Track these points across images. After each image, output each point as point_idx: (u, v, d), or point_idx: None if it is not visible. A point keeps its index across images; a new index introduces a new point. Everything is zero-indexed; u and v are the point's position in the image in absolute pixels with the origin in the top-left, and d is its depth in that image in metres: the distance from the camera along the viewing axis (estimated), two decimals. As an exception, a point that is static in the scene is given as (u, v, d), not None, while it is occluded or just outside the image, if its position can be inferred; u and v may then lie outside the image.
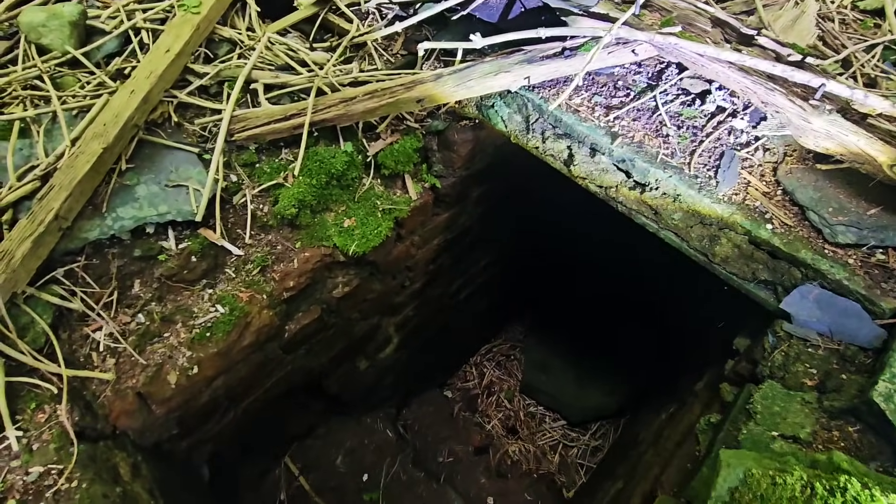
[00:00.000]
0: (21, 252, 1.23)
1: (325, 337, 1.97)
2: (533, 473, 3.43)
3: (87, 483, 1.14)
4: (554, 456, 3.53)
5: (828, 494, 0.69)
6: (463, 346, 3.69)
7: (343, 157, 1.68)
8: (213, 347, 1.51)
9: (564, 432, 3.63)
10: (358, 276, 1.89)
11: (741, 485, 0.73)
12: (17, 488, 1.10)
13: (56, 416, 1.22)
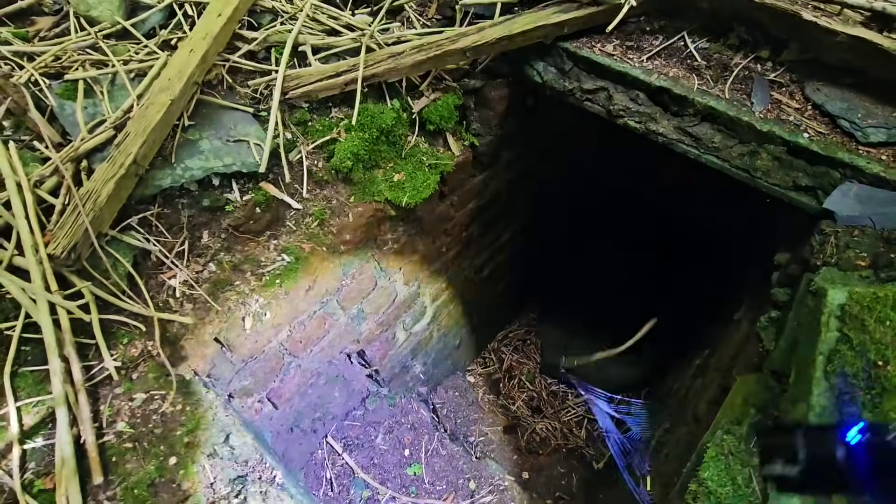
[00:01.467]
0: (106, 192, 1.25)
1: (374, 297, 2.00)
2: (562, 448, 3.45)
3: (192, 406, 1.15)
4: (580, 430, 3.57)
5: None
6: (482, 330, 3.73)
7: (391, 112, 1.75)
8: (283, 293, 1.53)
9: (588, 408, 3.68)
10: (406, 234, 1.94)
11: (848, 300, 0.81)
12: (125, 412, 1.10)
13: (147, 352, 1.23)
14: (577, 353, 3.74)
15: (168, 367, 1.20)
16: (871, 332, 0.78)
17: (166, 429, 1.09)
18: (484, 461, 2.81)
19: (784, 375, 1.11)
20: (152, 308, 1.29)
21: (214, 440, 1.11)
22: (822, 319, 0.80)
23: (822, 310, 0.81)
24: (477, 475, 2.61)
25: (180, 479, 1.03)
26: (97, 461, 0.98)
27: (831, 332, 0.79)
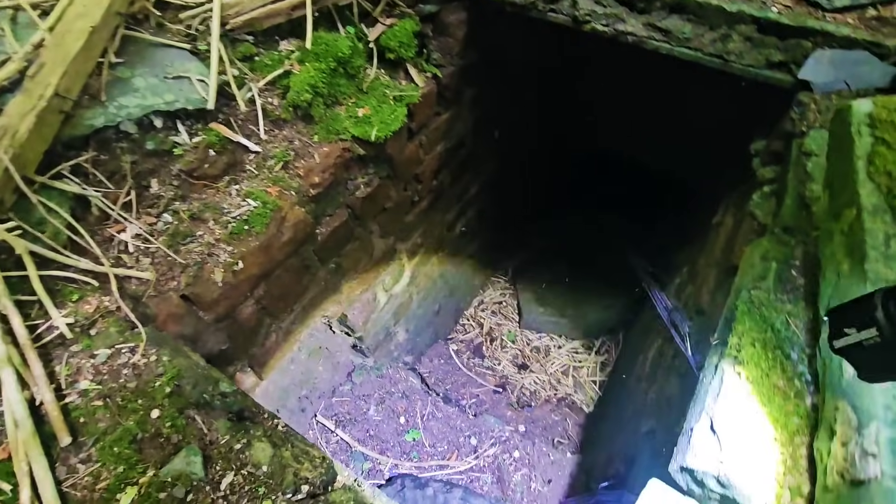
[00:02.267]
0: (25, 127, 1.05)
1: (352, 249, 1.86)
2: (552, 399, 3.45)
3: (169, 356, 0.98)
4: (567, 379, 3.58)
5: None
6: (459, 294, 3.65)
7: (346, 41, 1.61)
8: (255, 241, 1.37)
9: (572, 356, 3.70)
10: (377, 176, 1.81)
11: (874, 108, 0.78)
12: (87, 370, 0.92)
13: (105, 307, 1.04)
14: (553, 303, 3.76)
15: (134, 320, 1.03)
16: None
17: (141, 381, 0.93)
18: (481, 417, 2.74)
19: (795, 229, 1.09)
20: (106, 263, 1.10)
21: (203, 388, 0.95)
22: (851, 130, 0.77)
23: (849, 122, 0.78)
24: (476, 431, 2.54)
25: (168, 432, 0.87)
26: (61, 420, 0.80)
27: (865, 139, 0.76)
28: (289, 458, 0.92)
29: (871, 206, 0.71)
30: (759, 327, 0.92)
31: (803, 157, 1.21)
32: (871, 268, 0.66)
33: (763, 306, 0.96)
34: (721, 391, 0.87)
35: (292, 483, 0.88)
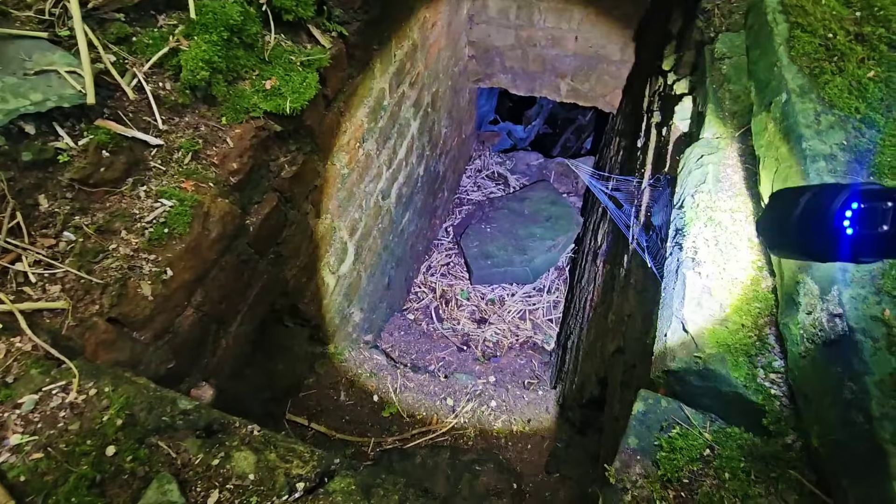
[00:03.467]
0: None
1: (289, 236, 1.74)
2: (515, 345, 3.56)
3: (111, 385, 0.87)
4: (525, 323, 3.70)
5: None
6: (406, 264, 3.60)
7: (236, 6, 1.44)
8: (180, 243, 1.23)
9: (525, 301, 3.81)
10: (300, 152, 1.69)
11: None
12: (14, 422, 0.79)
13: (18, 349, 0.89)
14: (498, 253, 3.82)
15: (58, 356, 0.89)
16: (814, 14, 0.79)
17: (85, 420, 0.81)
18: (452, 377, 2.77)
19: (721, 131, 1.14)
20: (6, 300, 0.94)
21: (161, 410, 0.86)
22: (768, 19, 0.80)
23: (765, 13, 0.80)
24: (451, 391, 2.57)
25: (131, 467, 0.77)
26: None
27: (781, 25, 0.79)
28: (275, 459, 0.86)
29: (797, 87, 0.74)
30: (707, 228, 0.96)
31: (717, 62, 1.25)
32: (808, 145, 0.70)
33: (708, 208, 1.00)
34: (686, 294, 0.90)
35: (285, 484, 0.83)
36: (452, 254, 4.16)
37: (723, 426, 0.78)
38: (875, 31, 0.77)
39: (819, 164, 0.68)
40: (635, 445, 0.76)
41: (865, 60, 0.75)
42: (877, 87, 0.73)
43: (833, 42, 0.77)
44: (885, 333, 0.57)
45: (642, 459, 0.75)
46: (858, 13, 0.80)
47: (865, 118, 0.71)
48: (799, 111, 0.72)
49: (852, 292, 0.60)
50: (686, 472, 0.73)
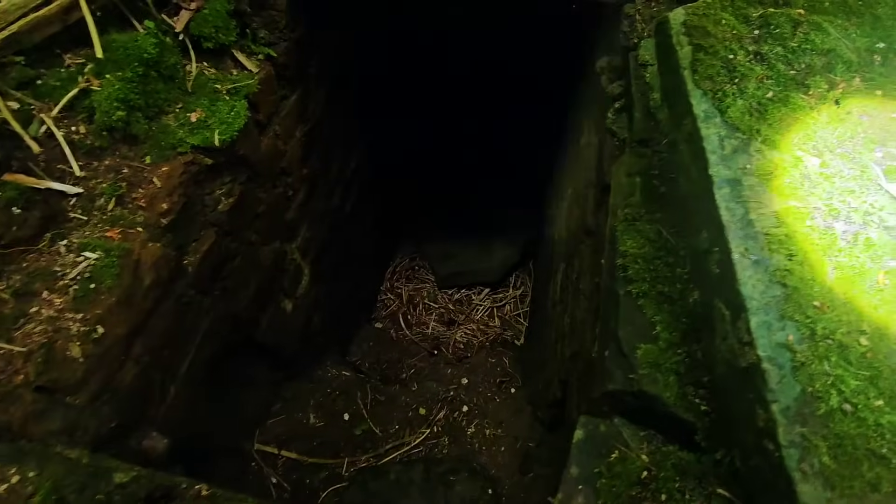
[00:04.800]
0: None
1: (234, 268, 1.69)
2: (486, 343, 3.59)
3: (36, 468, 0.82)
4: (494, 320, 3.73)
5: None
6: (369, 273, 3.57)
7: (149, 38, 1.37)
8: (110, 297, 1.18)
9: (492, 298, 3.84)
10: (237, 182, 1.63)
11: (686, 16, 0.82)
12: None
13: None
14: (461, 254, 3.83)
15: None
16: (715, 35, 0.81)
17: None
18: (423, 385, 2.77)
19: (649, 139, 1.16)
20: None
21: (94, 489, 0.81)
22: (673, 42, 0.81)
23: (670, 34, 0.81)
24: (423, 400, 2.57)
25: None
26: None
27: (685, 48, 0.80)
28: (221, 525, 0.83)
29: (702, 113, 0.76)
30: (637, 243, 0.97)
31: (641, 69, 1.27)
32: (714, 171, 0.71)
33: (637, 221, 1.02)
34: (620, 313, 0.92)
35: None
36: (416, 256, 4.14)
37: (659, 445, 0.80)
38: (773, 50, 0.80)
39: (724, 190, 0.70)
40: (577, 475, 0.77)
41: (764, 80, 0.77)
42: (775, 107, 0.75)
43: (734, 62, 0.79)
44: (790, 359, 0.60)
45: (584, 489, 0.76)
46: (757, 31, 0.82)
47: (766, 139, 0.73)
48: (704, 136, 0.73)
49: (758, 320, 0.62)
50: (625, 497, 0.75)
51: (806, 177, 0.71)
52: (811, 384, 0.58)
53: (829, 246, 0.66)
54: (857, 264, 0.65)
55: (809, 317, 0.62)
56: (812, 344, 0.60)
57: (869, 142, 0.74)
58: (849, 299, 0.63)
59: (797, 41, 0.80)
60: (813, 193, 0.70)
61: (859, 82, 0.78)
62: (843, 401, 0.57)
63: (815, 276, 0.64)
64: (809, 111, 0.75)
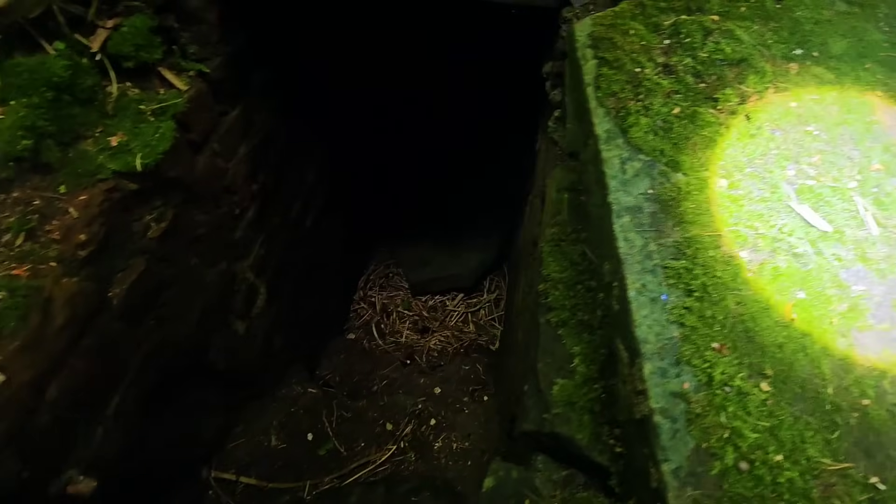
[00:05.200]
0: None
1: (172, 295, 1.62)
2: (460, 350, 3.53)
3: None
4: (468, 326, 3.67)
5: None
6: (338, 283, 3.50)
7: (60, 61, 1.30)
8: (13, 341, 1.10)
9: (467, 303, 3.78)
10: (169, 206, 1.55)
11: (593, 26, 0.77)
12: None
13: None
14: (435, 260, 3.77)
15: None
16: (622, 46, 0.75)
17: None
18: (392, 398, 2.71)
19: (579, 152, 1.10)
20: None
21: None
22: (578, 56, 0.75)
23: (575, 47, 0.76)
24: (390, 415, 2.51)
25: None
26: None
27: (590, 62, 0.75)
28: None
29: (604, 133, 0.70)
30: (561, 266, 0.92)
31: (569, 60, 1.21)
32: (613, 198, 0.66)
33: (562, 241, 0.97)
34: (540, 342, 0.86)
35: None
36: (390, 263, 4.08)
37: (574, 491, 0.75)
38: (682, 61, 0.74)
39: (624, 219, 0.64)
40: (485, 528, 0.72)
41: (672, 95, 0.72)
42: (681, 124, 0.70)
43: (641, 76, 0.73)
44: (685, 410, 0.54)
45: (492, 543, 0.71)
46: (667, 41, 0.76)
47: (671, 161, 0.67)
48: (605, 160, 0.68)
49: (652, 366, 0.56)
50: (533, 552, 0.69)
51: (712, 201, 0.65)
52: (706, 439, 0.53)
53: (733, 278, 0.61)
54: (762, 298, 0.60)
55: (707, 360, 0.56)
56: (709, 392, 0.55)
57: (781, 158, 0.69)
58: (751, 338, 0.58)
59: (707, 51, 0.74)
60: (719, 219, 0.64)
61: (773, 94, 0.72)
62: (739, 457, 0.52)
63: (715, 314, 0.59)
64: (718, 128, 0.70)
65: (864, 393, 0.56)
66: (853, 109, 0.73)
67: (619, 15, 0.78)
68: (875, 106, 0.74)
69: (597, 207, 0.71)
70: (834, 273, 0.62)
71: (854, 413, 0.55)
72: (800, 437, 0.53)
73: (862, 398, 0.56)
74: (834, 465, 0.52)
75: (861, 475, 0.52)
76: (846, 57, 0.77)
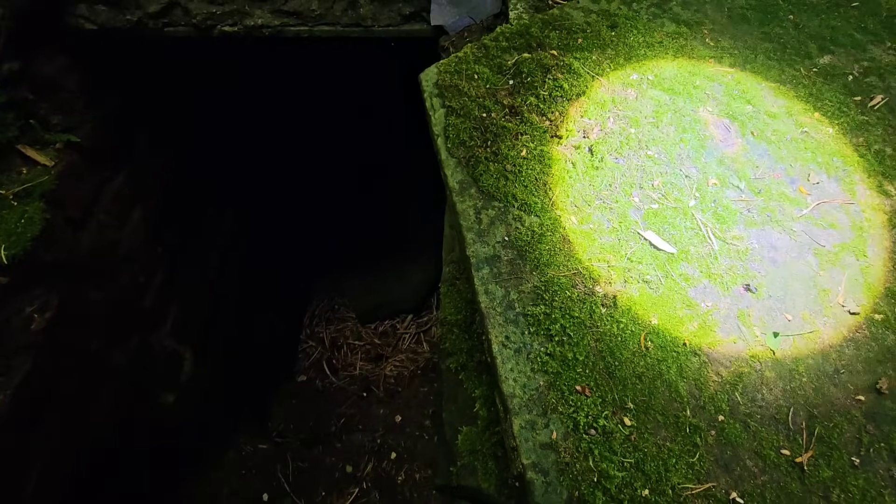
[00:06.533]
0: None
1: (73, 388, 1.49)
2: (416, 372, 3.50)
3: None
4: (422, 346, 3.65)
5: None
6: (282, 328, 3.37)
7: None
8: None
9: (417, 323, 3.76)
10: (52, 292, 1.43)
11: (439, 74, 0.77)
12: None
13: None
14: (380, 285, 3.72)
15: None
16: (468, 92, 0.76)
17: None
18: (349, 438, 2.63)
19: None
20: None
21: None
22: (427, 106, 0.75)
23: (424, 97, 0.76)
24: (348, 457, 2.44)
25: None
26: None
27: (438, 112, 0.75)
28: None
29: (457, 185, 0.70)
30: (455, 307, 0.91)
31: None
32: (472, 251, 0.66)
33: (457, 280, 0.96)
34: (444, 391, 0.85)
35: None
36: (334, 295, 3.98)
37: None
38: (526, 101, 0.76)
39: (483, 271, 0.64)
40: None
41: (519, 136, 0.73)
42: (530, 165, 0.71)
43: (488, 122, 0.74)
44: (555, 461, 0.55)
45: None
46: (511, 81, 0.78)
47: (523, 204, 0.69)
48: (460, 212, 0.68)
49: (521, 421, 0.56)
50: None
51: (565, 240, 0.67)
52: (577, 487, 0.53)
53: (590, 316, 0.62)
54: (617, 330, 0.61)
55: (572, 405, 0.57)
56: (576, 438, 0.55)
57: (626, 186, 0.71)
58: (612, 373, 0.59)
59: (548, 88, 0.76)
60: (573, 258, 0.66)
61: (612, 123, 0.75)
62: (608, 500, 0.52)
63: (576, 355, 0.60)
64: (565, 164, 0.72)
65: (720, 408, 0.59)
66: (688, 128, 0.77)
67: (464, 60, 0.79)
68: (707, 121, 0.79)
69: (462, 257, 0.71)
70: (683, 293, 0.65)
71: (711, 431, 0.57)
72: (664, 465, 0.54)
73: (718, 414, 0.58)
74: (697, 487, 0.54)
75: (722, 492, 0.54)
76: (678, 76, 0.82)
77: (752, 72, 0.84)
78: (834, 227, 0.70)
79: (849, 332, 0.62)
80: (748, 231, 0.69)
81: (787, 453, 0.56)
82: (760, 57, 0.86)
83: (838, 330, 0.63)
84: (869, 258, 0.68)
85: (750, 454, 0.56)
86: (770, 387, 0.59)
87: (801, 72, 0.85)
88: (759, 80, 0.83)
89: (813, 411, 0.58)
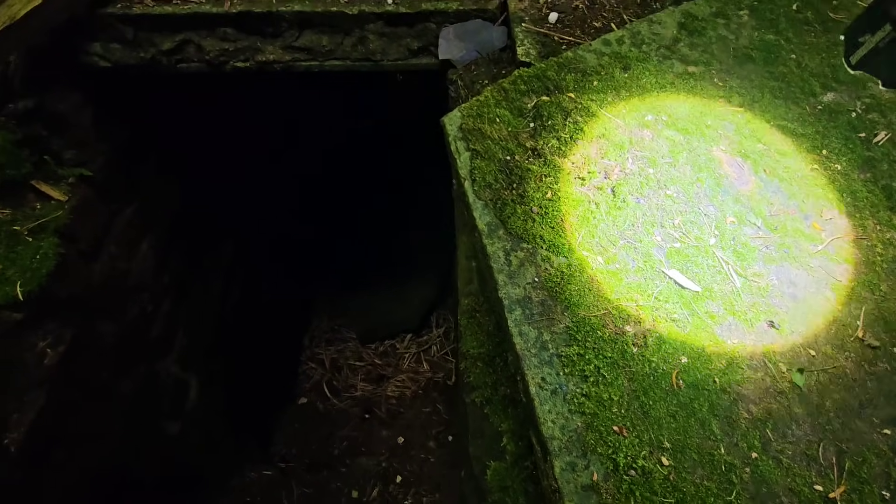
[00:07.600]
0: None
1: (83, 420, 1.47)
2: (417, 392, 3.48)
3: None
4: (423, 365, 3.64)
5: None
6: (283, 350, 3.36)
7: None
8: None
9: (417, 343, 3.75)
10: (65, 326, 1.43)
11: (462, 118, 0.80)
12: None
13: None
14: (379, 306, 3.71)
15: None
16: (491, 135, 0.79)
17: None
18: (354, 462, 2.61)
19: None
20: None
21: None
22: (452, 150, 0.78)
23: (448, 141, 0.78)
24: (353, 481, 2.42)
25: None
26: None
27: (464, 155, 0.77)
28: None
29: (485, 227, 0.73)
30: (478, 340, 0.93)
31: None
32: (503, 294, 0.68)
33: (477, 312, 0.98)
34: (469, 425, 0.86)
35: None
36: (335, 317, 3.97)
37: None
38: (548, 143, 0.79)
39: (516, 313, 0.66)
40: None
41: (543, 178, 0.76)
42: (555, 207, 0.74)
43: (512, 164, 0.77)
44: (597, 503, 0.56)
45: None
46: (532, 123, 0.81)
47: (551, 245, 0.71)
48: (490, 254, 0.70)
49: (562, 463, 0.58)
50: None
51: (593, 280, 0.69)
52: (620, 529, 0.54)
53: (622, 356, 0.64)
54: (649, 369, 0.63)
55: (611, 445, 0.59)
56: (616, 479, 0.57)
57: (648, 225, 0.74)
58: (647, 412, 0.61)
59: (569, 131, 0.79)
60: (601, 297, 0.68)
61: (632, 164, 0.78)
62: (652, 542, 0.54)
63: (611, 395, 0.61)
64: (588, 205, 0.75)
65: (752, 445, 0.61)
66: (703, 167, 0.81)
67: (484, 103, 0.82)
68: (721, 160, 0.82)
69: (492, 298, 0.73)
70: (710, 331, 0.67)
71: (746, 468, 0.59)
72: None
73: (751, 451, 0.60)
74: (736, 526, 0.55)
75: (761, 530, 0.55)
76: (691, 116, 0.86)
77: (760, 110, 0.88)
78: (849, 261, 0.73)
79: (870, 367, 0.65)
80: (768, 268, 0.72)
81: (819, 489, 0.58)
82: (767, 95, 0.90)
83: (860, 364, 0.65)
84: (884, 292, 0.71)
85: (785, 490, 0.58)
86: (799, 422, 0.61)
87: (806, 109, 0.89)
88: (768, 118, 0.87)
89: (842, 446, 0.60)
